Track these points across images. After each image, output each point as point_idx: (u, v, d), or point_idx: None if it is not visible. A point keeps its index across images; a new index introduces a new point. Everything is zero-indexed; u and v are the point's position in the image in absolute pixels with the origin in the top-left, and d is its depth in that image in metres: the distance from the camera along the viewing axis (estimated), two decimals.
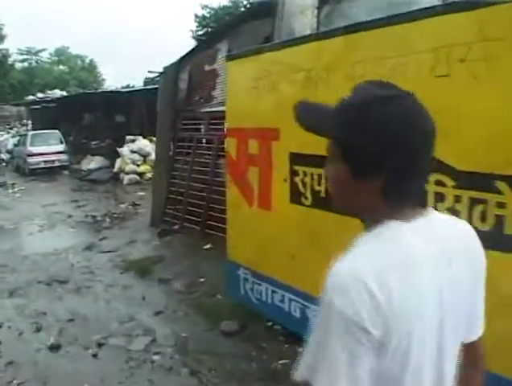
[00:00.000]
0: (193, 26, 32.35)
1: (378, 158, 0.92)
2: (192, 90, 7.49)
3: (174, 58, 7.98)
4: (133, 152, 15.45)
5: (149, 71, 9.31)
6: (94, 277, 6.08)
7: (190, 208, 7.39)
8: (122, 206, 11.11)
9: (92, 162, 17.42)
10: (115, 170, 15.51)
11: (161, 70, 8.84)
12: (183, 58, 7.82)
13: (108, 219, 9.63)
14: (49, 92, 27.92)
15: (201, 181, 7.26)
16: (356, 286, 0.85)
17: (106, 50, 72.87)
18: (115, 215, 10.02)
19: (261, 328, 4.39)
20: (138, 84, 27.91)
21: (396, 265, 0.89)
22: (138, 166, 15.32)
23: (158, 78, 11.14)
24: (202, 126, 7.37)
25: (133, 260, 6.62)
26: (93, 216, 9.91)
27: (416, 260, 0.92)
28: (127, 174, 14.98)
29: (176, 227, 7.61)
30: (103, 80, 53.53)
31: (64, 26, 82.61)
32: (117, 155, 16.00)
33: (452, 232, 1.02)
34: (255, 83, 4.04)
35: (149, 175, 15.25)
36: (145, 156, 15.53)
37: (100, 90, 20.21)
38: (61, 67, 51.54)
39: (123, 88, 20.06)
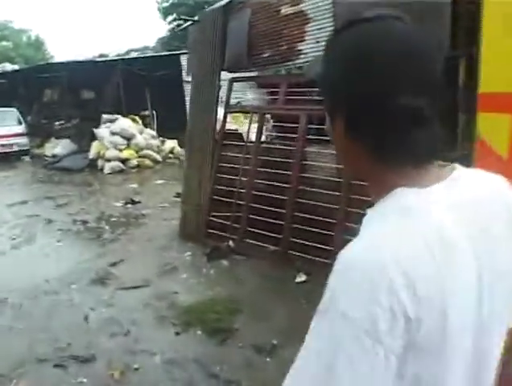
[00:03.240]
0: None
1: (340, 97, 0.73)
2: (255, 44, 4.99)
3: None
4: (114, 134, 12.65)
5: (176, 19, 6.60)
6: (136, 345, 3.57)
7: (254, 216, 4.97)
8: (117, 204, 8.46)
9: (59, 147, 14.49)
10: (91, 156, 12.66)
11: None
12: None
13: (107, 227, 7.01)
14: None
15: (274, 178, 4.83)
16: (372, 283, 0.62)
17: (54, 24, 66.70)
18: (114, 220, 7.42)
19: None
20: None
21: (418, 248, 0.65)
22: (120, 150, 12.55)
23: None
24: (276, 96, 4.88)
25: (187, 305, 4.14)
26: (84, 221, 7.26)
27: (443, 237, 0.67)
28: (108, 161, 12.20)
29: (231, 243, 5.16)
30: (52, 57, 48.90)
31: None
32: (91, 138, 13.23)
33: (486, 194, 0.77)
34: None
35: (134, 162, 12.61)
36: (128, 139, 12.80)
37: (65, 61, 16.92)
38: (4, 43, 46.49)
39: (94, 57, 16.89)
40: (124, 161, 12.43)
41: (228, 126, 5.47)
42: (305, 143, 4.63)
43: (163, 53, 17.30)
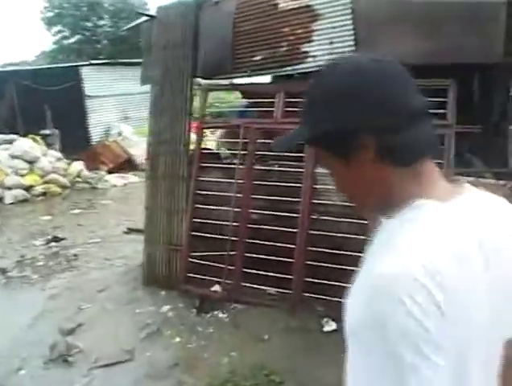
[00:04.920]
0: (42, 6, 26.50)
1: (362, 126, 0.79)
2: (241, 45, 4.11)
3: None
4: (14, 157, 10.78)
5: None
6: None
7: (251, 254, 4.10)
8: (37, 243, 6.97)
9: None
10: None
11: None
12: None
13: (35, 275, 5.59)
14: None
15: (276, 206, 4.01)
16: (412, 288, 0.67)
17: None
18: (40, 264, 6.01)
19: None
20: None
21: (446, 256, 0.71)
22: (22, 176, 10.73)
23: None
24: (270, 108, 4.05)
25: (203, 384, 3.14)
26: (2, 270, 5.75)
27: (464, 248, 0.74)
28: (9, 189, 10.36)
29: (219, 289, 4.22)
30: None
31: None
32: None
33: (494, 216, 0.83)
34: None
35: (40, 189, 10.82)
36: (31, 162, 11.00)
37: None
38: None
39: None
40: (27, 188, 10.65)
41: (204, 145, 4.54)
42: (315, 163, 3.90)
43: (61, 64, 15.48)
